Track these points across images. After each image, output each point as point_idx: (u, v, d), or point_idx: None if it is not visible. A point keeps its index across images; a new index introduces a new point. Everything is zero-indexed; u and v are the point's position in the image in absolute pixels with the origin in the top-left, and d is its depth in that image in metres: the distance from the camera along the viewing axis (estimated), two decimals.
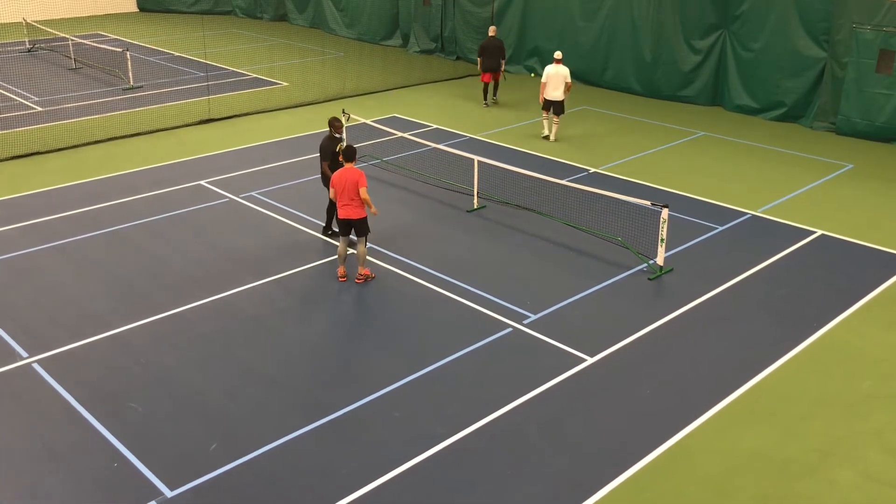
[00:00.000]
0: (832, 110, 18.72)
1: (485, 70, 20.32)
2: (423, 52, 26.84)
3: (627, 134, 18.54)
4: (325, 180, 12.18)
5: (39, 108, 20.09)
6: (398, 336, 10.17)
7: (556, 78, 17.45)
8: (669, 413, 8.65)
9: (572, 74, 23.15)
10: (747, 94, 20.14)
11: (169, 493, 7.43)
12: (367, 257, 11.76)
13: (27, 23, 28.09)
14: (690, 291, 11.20)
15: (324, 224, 12.91)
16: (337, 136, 12.28)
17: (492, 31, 20.65)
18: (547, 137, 18.02)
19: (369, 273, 11.39)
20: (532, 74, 23.04)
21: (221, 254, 12.19)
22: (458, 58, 26.01)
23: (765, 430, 8.43)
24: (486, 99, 20.78)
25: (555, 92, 17.52)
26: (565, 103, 17.90)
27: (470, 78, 23.88)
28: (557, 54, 17.67)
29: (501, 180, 14.90)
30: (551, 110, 17.79)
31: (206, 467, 7.76)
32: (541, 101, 17.79)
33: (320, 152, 12.26)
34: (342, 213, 10.98)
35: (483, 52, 20.23)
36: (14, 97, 21.22)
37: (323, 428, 8.34)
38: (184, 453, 7.96)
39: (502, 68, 20.53)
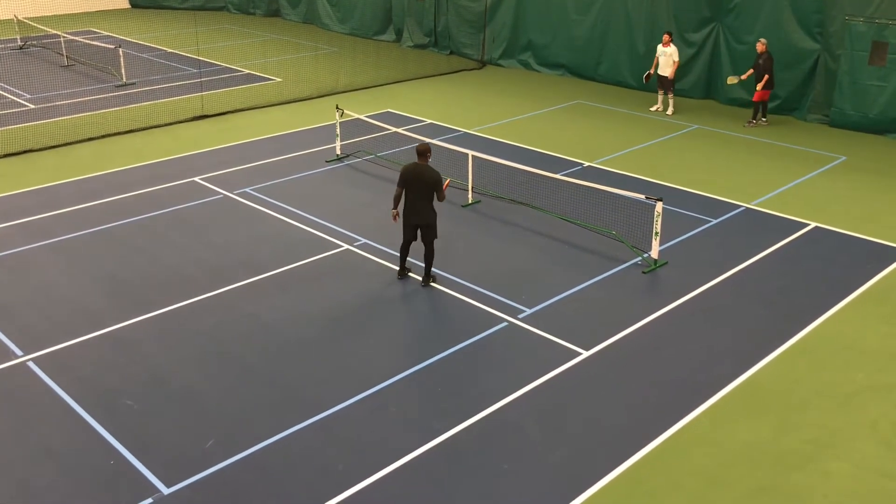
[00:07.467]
0: (826, 102, 18.75)
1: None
2: (416, 46, 26.79)
3: (621, 127, 18.54)
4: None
5: (32, 106, 20.01)
6: (393, 331, 10.17)
7: (664, 57, 19.06)
8: (665, 406, 8.67)
9: (566, 68, 23.35)
10: (741, 86, 20.13)
11: (165, 490, 7.43)
12: (371, 256, 11.72)
13: (18, 20, 27.96)
14: (685, 284, 11.22)
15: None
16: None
17: (760, 46, 17.99)
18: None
19: None
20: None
21: (216, 250, 12.17)
22: (451, 52, 25.95)
23: (760, 422, 8.46)
24: (754, 117, 18.70)
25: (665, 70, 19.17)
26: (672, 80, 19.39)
27: (464, 72, 23.85)
28: (666, 36, 19.06)
29: (496, 175, 14.89)
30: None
31: (203, 464, 7.75)
32: (651, 76, 19.49)
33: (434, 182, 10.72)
34: None
35: (757, 68, 18.09)
36: (6, 95, 21.13)
37: (319, 424, 8.34)
38: (180, 450, 7.96)
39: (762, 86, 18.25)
